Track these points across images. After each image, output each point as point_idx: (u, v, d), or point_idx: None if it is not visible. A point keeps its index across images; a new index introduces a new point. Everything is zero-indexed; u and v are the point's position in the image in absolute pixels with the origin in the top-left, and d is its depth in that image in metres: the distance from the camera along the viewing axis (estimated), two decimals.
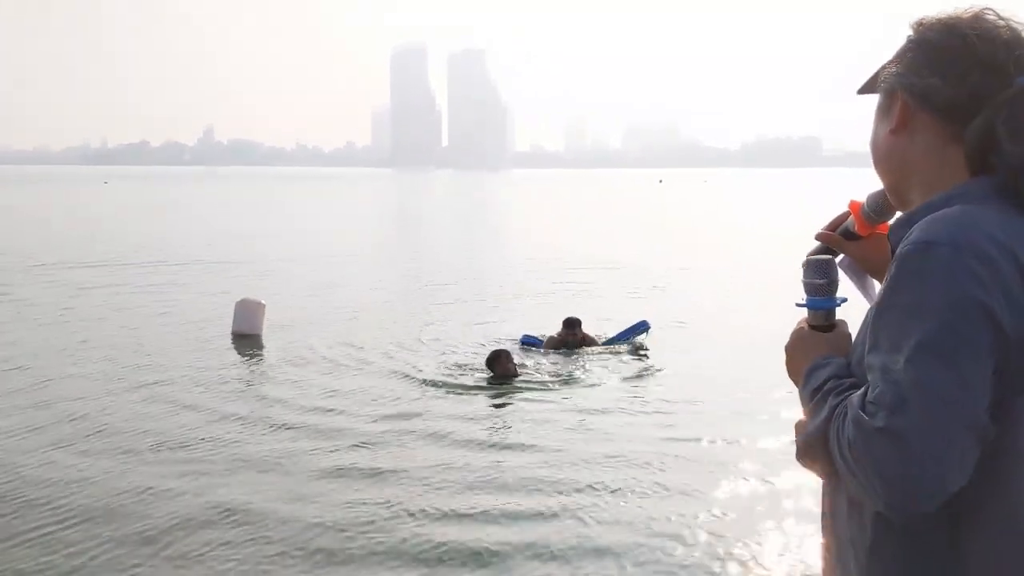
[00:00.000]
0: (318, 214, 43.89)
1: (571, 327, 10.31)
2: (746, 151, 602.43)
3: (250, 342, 11.12)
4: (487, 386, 8.62)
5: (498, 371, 8.74)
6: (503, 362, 8.74)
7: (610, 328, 10.94)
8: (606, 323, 11.51)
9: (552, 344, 10.30)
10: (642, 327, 10.68)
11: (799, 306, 1.53)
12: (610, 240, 27.16)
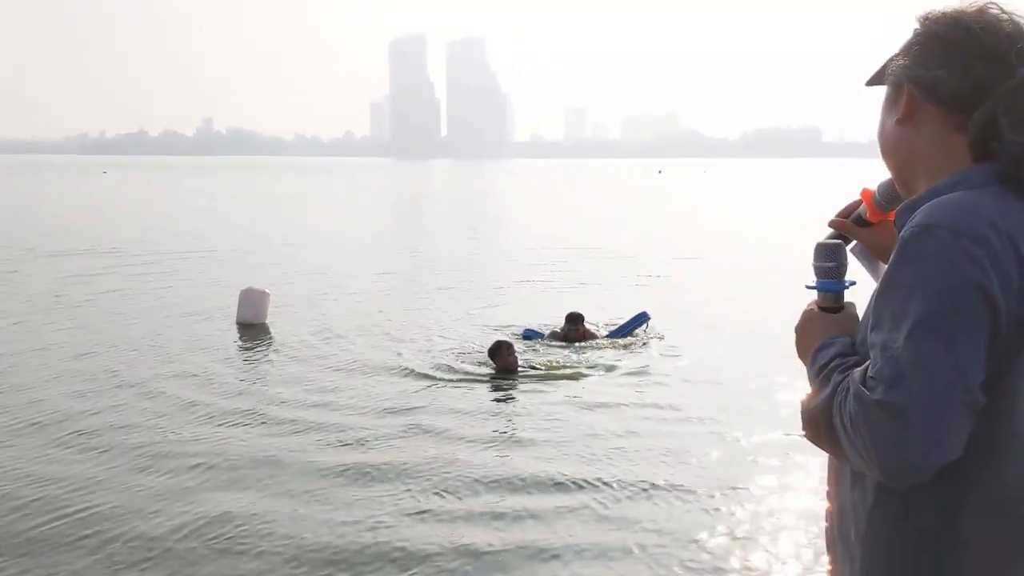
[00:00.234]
0: (319, 204, 43.85)
1: (574, 322, 10.25)
2: (745, 141, 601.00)
3: (254, 331, 11.18)
4: (489, 378, 8.64)
5: (499, 363, 8.75)
6: (503, 355, 8.75)
7: (611, 320, 10.91)
8: (605, 311, 11.58)
9: (554, 338, 10.27)
10: (642, 318, 10.66)
11: (809, 288, 1.58)
12: (609, 230, 27.15)
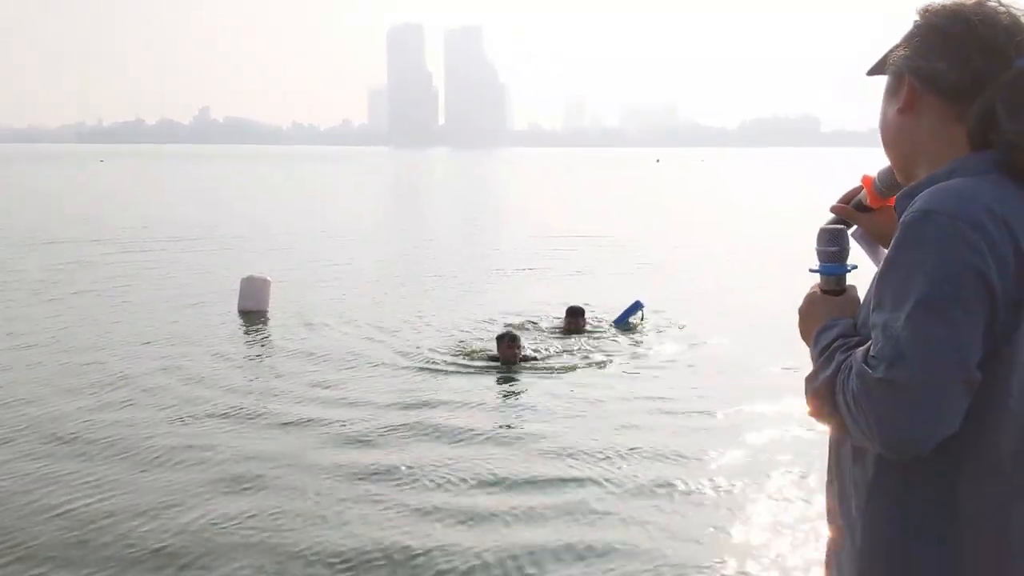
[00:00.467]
0: (317, 192, 43.81)
1: (574, 316, 10.21)
2: (744, 130, 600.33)
3: (256, 318, 11.23)
4: (491, 369, 8.64)
5: (500, 354, 8.76)
6: (504, 348, 8.75)
7: (609, 309, 10.90)
8: (604, 300, 11.61)
9: (554, 331, 10.20)
10: (636, 307, 10.62)
11: (812, 272, 1.64)
12: (608, 219, 27.16)
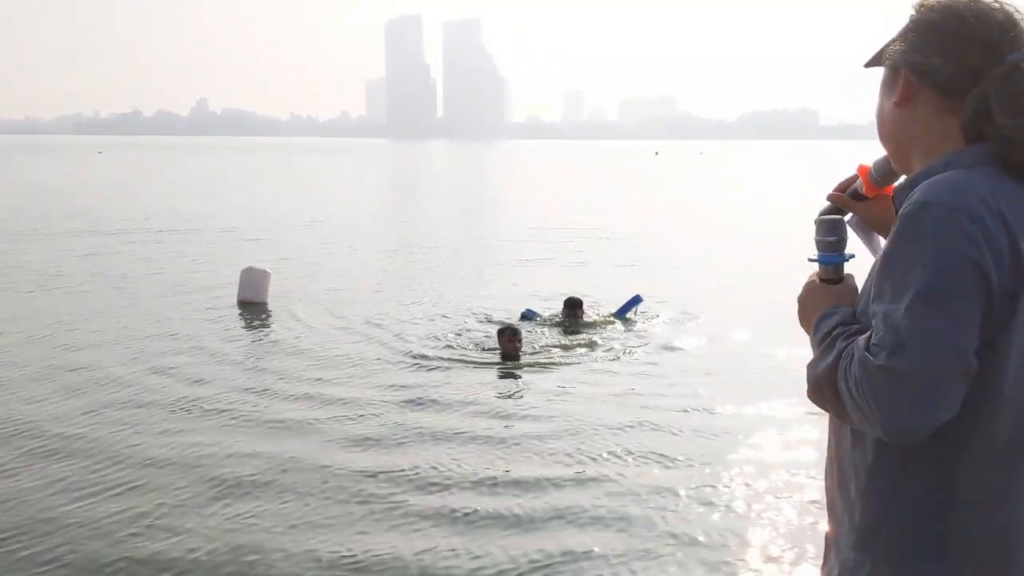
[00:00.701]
0: (317, 184, 43.76)
1: (572, 308, 10.14)
2: (742, 123, 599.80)
3: (256, 309, 11.27)
4: (491, 363, 8.64)
5: (501, 348, 8.76)
6: (505, 341, 8.74)
7: (609, 305, 10.82)
8: (603, 293, 11.64)
9: (552, 323, 10.13)
10: (635, 301, 10.55)
11: (811, 261, 1.67)
12: (607, 211, 27.21)
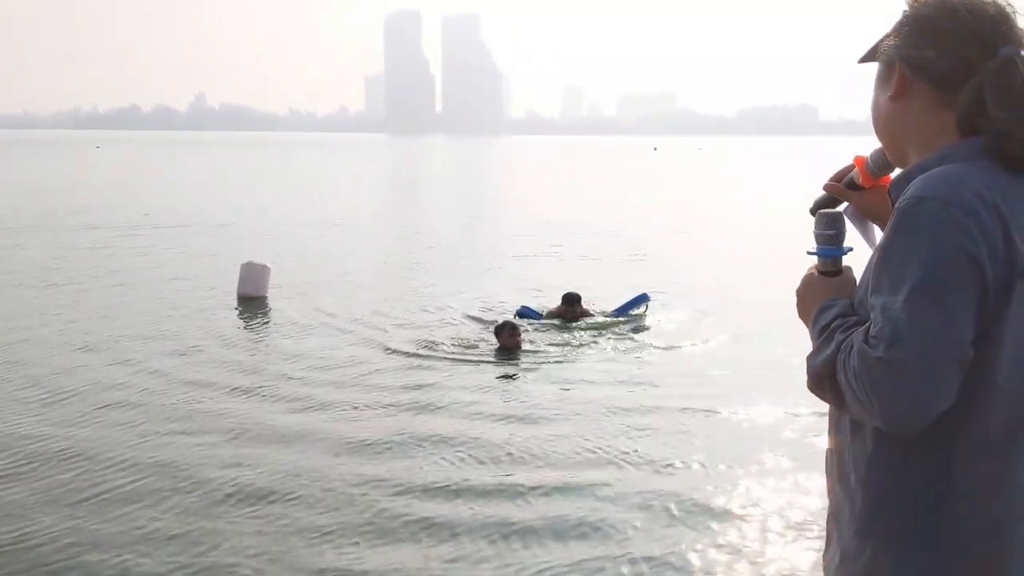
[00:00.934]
0: (316, 180, 43.75)
1: (571, 303, 10.06)
2: (742, 119, 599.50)
3: (256, 304, 11.27)
4: (490, 358, 8.64)
5: (502, 343, 8.78)
6: (506, 336, 8.77)
7: (609, 302, 10.70)
8: (603, 289, 11.62)
9: (550, 318, 10.04)
10: (642, 300, 10.42)
11: (810, 254, 1.70)
12: (605, 208, 27.26)
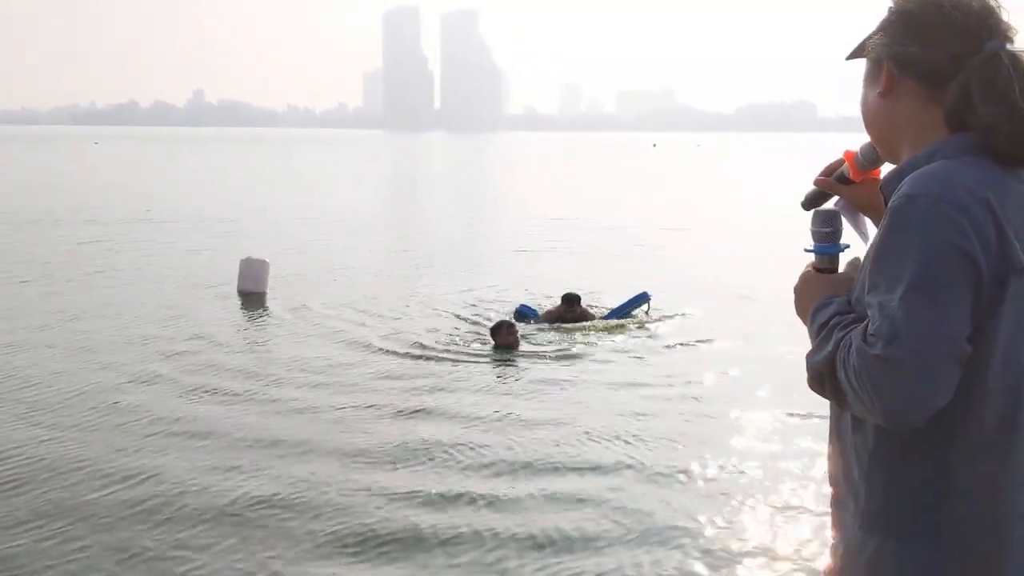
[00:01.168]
0: (315, 176, 43.75)
1: (570, 303, 9.95)
2: (740, 115, 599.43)
3: (255, 300, 11.27)
4: (489, 357, 8.60)
5: (499, 342, 8.74)
6: (504, 334, 8.74)
7: (609, 300, 10.67)
8: (603, 287, 11.61)
9: (549, 319, 9.96)
10: (642, 299, 10.31)
11: (807, 251, 1.72)
12: (605, 204, 27.25)
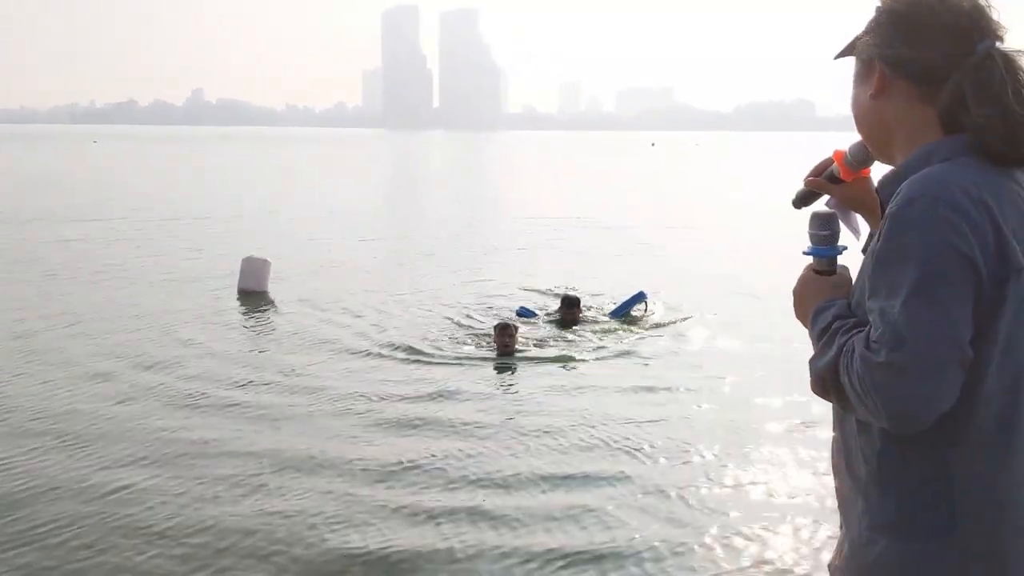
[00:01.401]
0: (315, 175, 43.71)
1: (570, 306, 9.89)
2: (739, 114, 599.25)
3: (256, 299, 11.29)
4: (488, 358, 8.58)
5: (499, 344, 8.68)
6: (504, 336, 8.68)
7: (608, 300, 10.65)
8: (602, 286, 11.63)
9: (550, 320, 9.91)
10: (639, 298, 10.27)
11: (805, 254, 1.73)
12: (604, 203, 27.22)
